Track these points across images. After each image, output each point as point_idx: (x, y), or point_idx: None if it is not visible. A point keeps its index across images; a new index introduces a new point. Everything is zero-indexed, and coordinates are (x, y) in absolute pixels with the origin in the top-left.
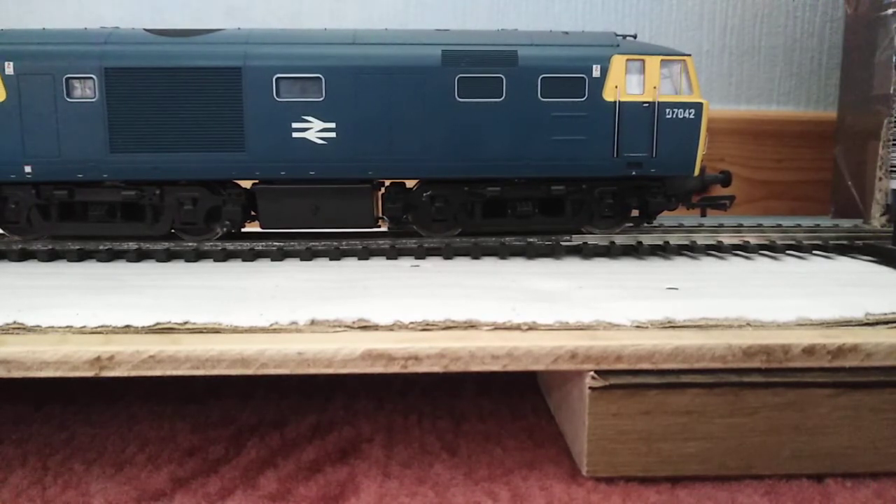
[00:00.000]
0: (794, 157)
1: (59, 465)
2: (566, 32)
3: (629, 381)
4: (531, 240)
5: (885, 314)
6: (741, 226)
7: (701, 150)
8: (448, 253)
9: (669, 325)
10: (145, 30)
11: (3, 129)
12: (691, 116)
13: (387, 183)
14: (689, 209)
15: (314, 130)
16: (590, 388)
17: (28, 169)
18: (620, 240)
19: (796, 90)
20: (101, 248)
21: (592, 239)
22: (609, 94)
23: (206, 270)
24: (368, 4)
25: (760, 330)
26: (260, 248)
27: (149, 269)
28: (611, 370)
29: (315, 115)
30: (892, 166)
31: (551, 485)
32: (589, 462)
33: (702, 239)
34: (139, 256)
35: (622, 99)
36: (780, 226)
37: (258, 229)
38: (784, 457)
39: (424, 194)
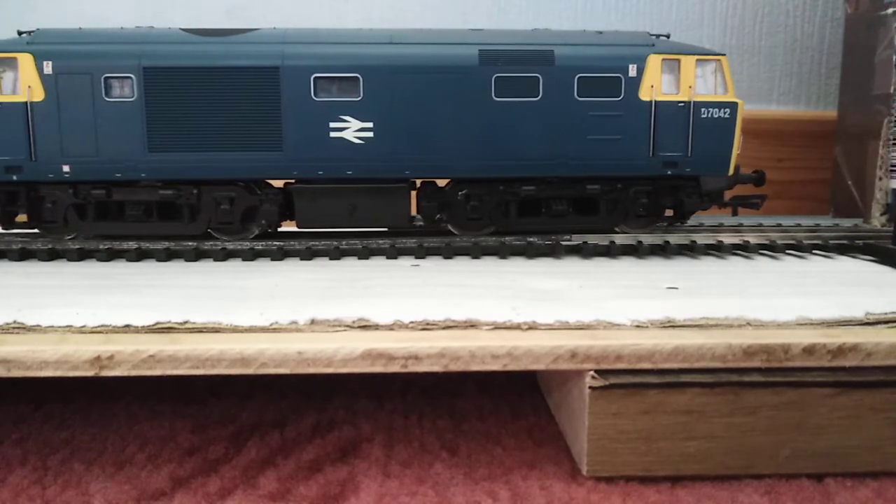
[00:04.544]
0: (794, 157)
1: (59, 465)
2: (600, 32)
3: (629, 380)
4: (531, 239)
5: (886, 314)
6: (741, 226)
7: (735, 150)
8: (448, 252)
9: (669, 325)
10: (182, 29)
11: (42, 129)
12: (726, 116)
13: (418, 182)
14: (721, 208)
15: (352, 130)
16: (590, 387)
17: (66, 168)
18: (620, 240)
19: (796, 90)
20: (101, 247)
21: (592, 238)
22: (645, 94)
23: (206, 270)
24: (368, 4)
25: (760, 329)
26: (260, 247)
27: (149, 269)
28: (611, 370)
29: (353, 114)
30: (892, 166)
31: (551, 484)
32: (589, 461)
33: (702, 239)
34: (139, 256)
35: (658, 98)
36: (780, 226)
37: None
38: (784, 456)
39: (459, 193)
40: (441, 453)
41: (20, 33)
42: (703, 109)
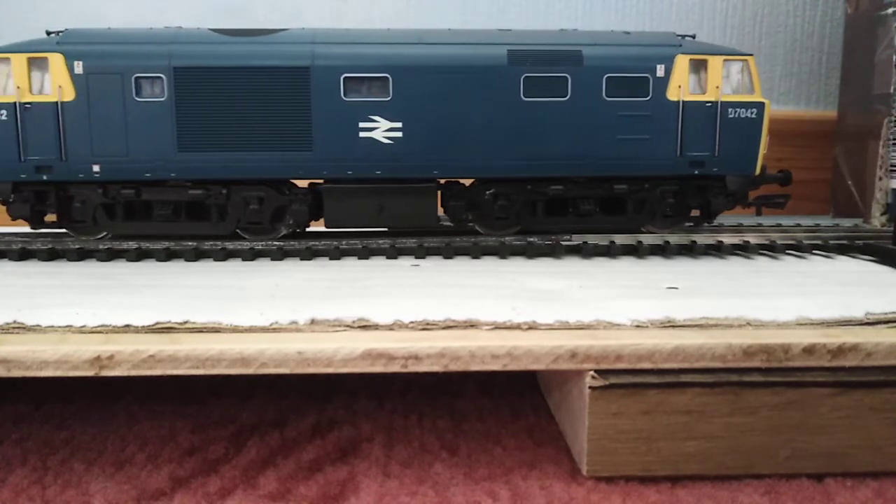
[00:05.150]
0: (795, 157)
1: (58, 465)
2: (627, 32)
3: (629, 380)
4: (531, 239)
5: (886, 313)
6: (741, 226)
7: (762, 150)
8: (448, 252)
9: (669, 325)
10: (211, 29)
11: (72, 129)
12: (753, 116)
13: (442, 181)
14: (745, 207)
15: (381, 130)
16: (590, 387)
17: (96, 168)
18: (620, 240)
19: (796, 90)
20: (101, 247)
21: (592, 238)
22: (673, 94)
23: (206, 270)
24: (368, 4)
25: (760, 329)
26: (260, 247)
27: (149, 269)
28: (611, 369)
29: (382, 114)
30: (892, 166)
31: (551, 484)
32: (589, 461)
33: (702, 239)
34: (139, 256)
35: (686, 98)
36: (780, 226)
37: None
38: (784, 456)
39: (487, 192)
40: (441, 453)
41: (48, 33)
42: (730, 109)
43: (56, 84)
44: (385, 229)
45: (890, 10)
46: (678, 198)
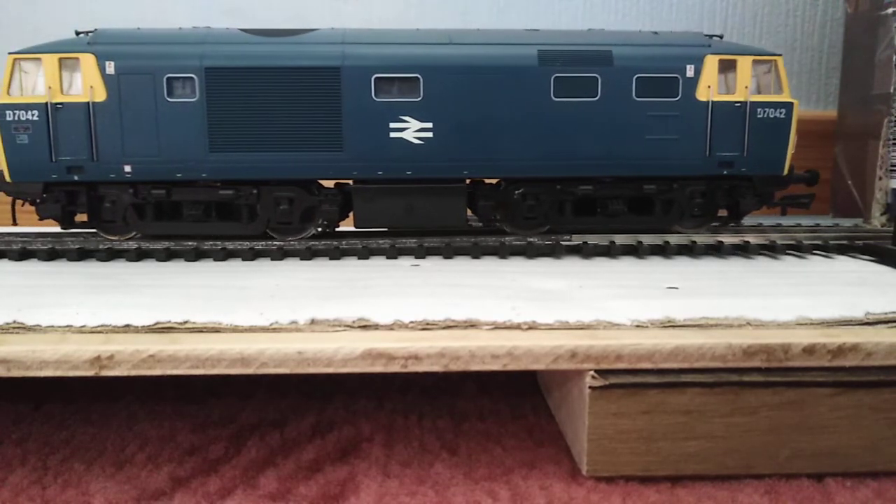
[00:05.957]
0: (795, 157)
1: (58, 465)
2: (655, 32)
3: (629, 380)
4: (531, 239)
5: (886, 313)
6: (741, 225)
7: (790, 150)
8: (448, 252)
9: (669, 325)
10: (241, 29)
11: (104, 129)
12: (782, 116)
13: (468, 181)
14: (770, 207)
15: (411, 130)
16: (590, 387)
17: (128, 168)
18: (620, 240)
19: (796, 90)
20: (101, 247)
21: (592, 239)
22: (702, 94)
23: (206, 270)
24: (368, 4)
25: (760, 329)
26: (260, 247)
27: (149, 269)
28: (611, 369)
29: (412, 114)
30: (892, 165)
31: (551, 484)
32: (589, 461)
33: (702, 239)
34: (139, 256)
35: (715, 98)
36: (780, 225)
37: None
38: (784, 456)
39: (516, 192)
40: (441, 453)
41: (78, 33)
42: (758, 109)
43: (87, 84)
44: (385, 229)
45: (890, 10)
46: (706, 198)
